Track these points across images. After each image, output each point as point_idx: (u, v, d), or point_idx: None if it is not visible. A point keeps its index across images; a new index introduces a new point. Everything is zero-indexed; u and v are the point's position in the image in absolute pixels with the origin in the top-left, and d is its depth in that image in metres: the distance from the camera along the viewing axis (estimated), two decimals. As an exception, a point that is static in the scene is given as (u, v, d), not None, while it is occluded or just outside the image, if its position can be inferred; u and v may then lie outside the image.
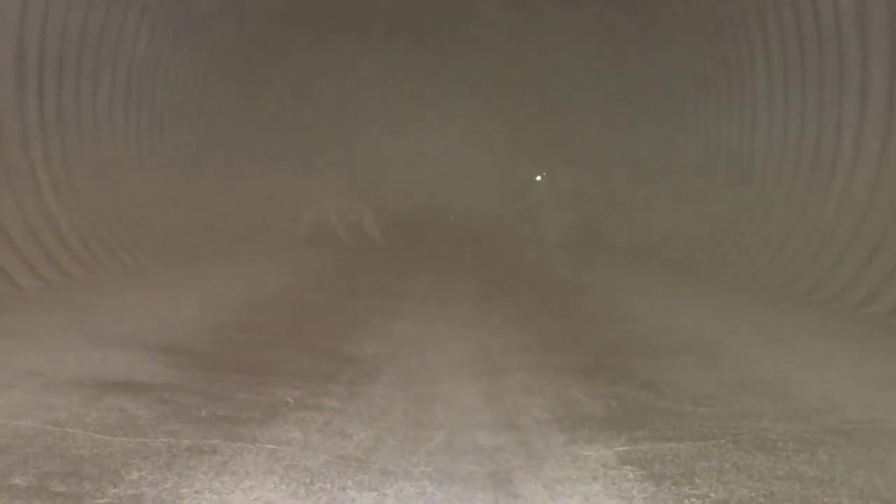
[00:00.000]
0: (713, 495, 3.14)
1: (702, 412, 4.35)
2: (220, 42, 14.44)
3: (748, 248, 11.53)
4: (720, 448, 3.70)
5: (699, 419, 4.20)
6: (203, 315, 7.20)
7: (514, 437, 3.93)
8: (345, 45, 16.87)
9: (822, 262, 9.35)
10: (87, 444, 3.52)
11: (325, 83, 17.36)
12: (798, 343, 6.56)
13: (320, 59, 17.06)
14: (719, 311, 8.44)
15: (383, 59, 17.49)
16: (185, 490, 3.05)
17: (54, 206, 9.60)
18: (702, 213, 13.68)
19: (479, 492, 3.19)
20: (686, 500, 3.09)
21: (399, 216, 17.52)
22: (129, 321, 6.56)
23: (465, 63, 17.59)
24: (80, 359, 5.13)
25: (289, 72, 16.90)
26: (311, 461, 3.45)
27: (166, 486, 3.08)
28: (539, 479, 3.33)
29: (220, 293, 8.80)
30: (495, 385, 5.10)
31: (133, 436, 3.66)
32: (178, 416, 4.02)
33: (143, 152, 12.34)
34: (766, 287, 10.07)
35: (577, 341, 6.71)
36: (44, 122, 9.60)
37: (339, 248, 15.83)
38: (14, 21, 8.91)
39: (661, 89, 15.63)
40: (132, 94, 11.77)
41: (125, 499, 2.96)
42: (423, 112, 18.28)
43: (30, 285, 8.21)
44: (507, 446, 3.78)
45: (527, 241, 16.37)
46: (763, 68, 11.89)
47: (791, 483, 3.28)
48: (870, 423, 4.19)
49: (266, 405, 4.31)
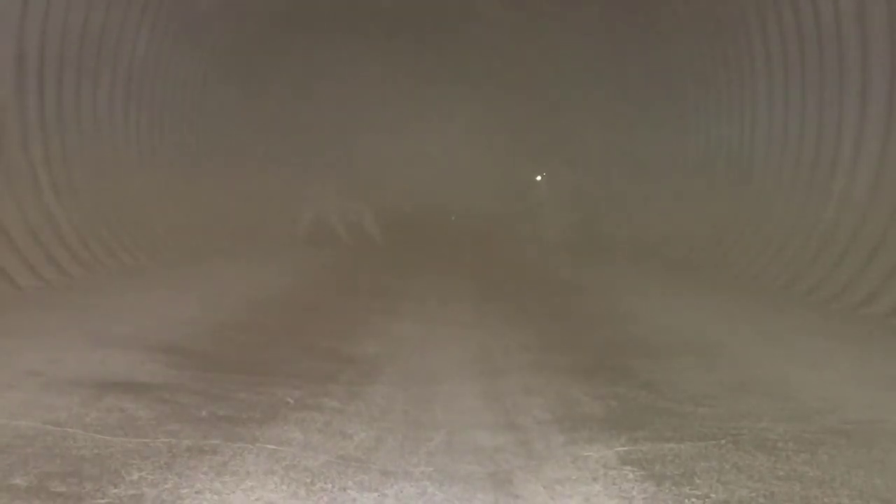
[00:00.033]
0: (713, 496, 3.14)
1: (702, 412, 4.35)
2: (220, 42, 14.43)
3: (748, 248, 11.52)
4: (720, 448, 3.70)
5: (699, 419, 4.20)
6: (203, 315, 7.20)
7: (514, 438, 3.93)
8: (345, 46, 16.84)
9: (822, 262, 9.34)
10: (88, 444, 3.52)
11: (325, 83, 17.33)
12: (798, 343, 6.56)
13: (320, 59, 17.03)
14: (719, 311, 8.44)
15: (383, 60, 17.47)
16: (185, 490, 3.06)
17: (54, 206, 9.60)
18: (702, 213, 13.67)
19: (479, 492, 3.19)
20: (686, 501, 3.09)
21: (399, 216, 17.50)
22: (129, 321, 6.56)
23: (465, 63, 17.57)
24: (80, 359, 5.13)
25: (289, 72, 16.88)
26: (312, 461, 3.45)
27: (167, 486, 3.09)
28: (539, 480, 3.34)
29: (220, 293, 8.79)
30: (495, 385, 5.10)
31: (133, 436, 3.66)
32: (178, 416, 4.02)
33: (143, 152, 12.33)
34: (766, 287, 10.07)
35: (577, 341, 6.71)
36: (44, 122, 9.59)
37: (339, 248, 15.79)
38: (14, 21, 8.90)
39: (661, 89, 15.60)
40: (132, 94, 11.76)
41: (125, 499, 2.96)
42: (423, 112, 18.27)
43: (30, 285, 8.20)
44: (507, 446, 3.78)
45: (527, 241, 16.33)
46: (763, 68, 11.88)
47: (791, 483, 3.28)
48: (870, 424, 4.19)
49: (266, 405, 4.31)
